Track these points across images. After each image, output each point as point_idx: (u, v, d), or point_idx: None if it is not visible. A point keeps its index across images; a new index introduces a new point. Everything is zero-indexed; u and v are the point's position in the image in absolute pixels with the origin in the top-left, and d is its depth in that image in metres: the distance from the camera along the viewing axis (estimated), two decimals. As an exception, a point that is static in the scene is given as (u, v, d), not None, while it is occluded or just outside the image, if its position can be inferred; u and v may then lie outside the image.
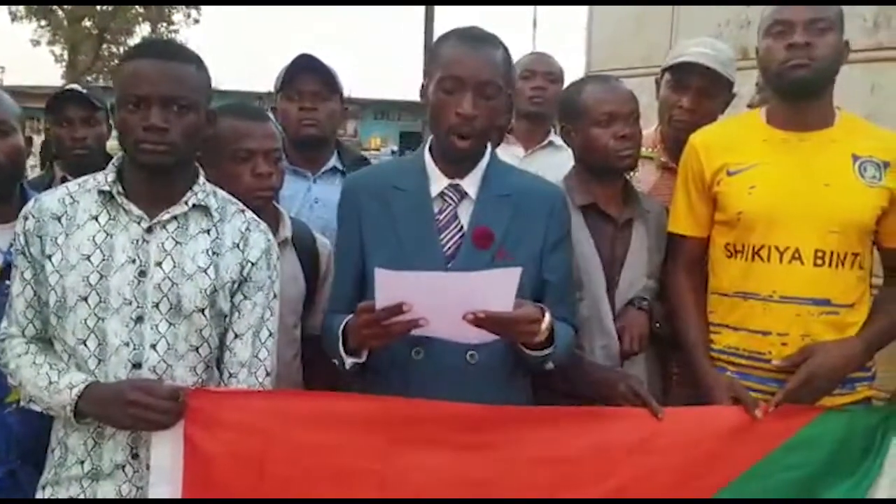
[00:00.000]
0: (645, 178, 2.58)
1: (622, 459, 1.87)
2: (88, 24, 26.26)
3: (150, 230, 1.75)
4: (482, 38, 1.89)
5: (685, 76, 2.47)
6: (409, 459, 1.79)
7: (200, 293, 1.75)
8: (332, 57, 2.69)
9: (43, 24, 26.17)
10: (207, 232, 1.80)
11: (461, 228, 1.90)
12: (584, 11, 4.67)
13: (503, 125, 2.59)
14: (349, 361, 1.81)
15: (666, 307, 2.22)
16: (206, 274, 1.77)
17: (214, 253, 1.79)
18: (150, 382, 1.71)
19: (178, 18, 27.43)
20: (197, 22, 27.72)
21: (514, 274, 1.63)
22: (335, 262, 2.09)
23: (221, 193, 1.87)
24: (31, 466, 1.93)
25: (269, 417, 1.78)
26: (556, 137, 3.23)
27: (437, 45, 1.93)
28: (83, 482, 1.76)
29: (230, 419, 1.75)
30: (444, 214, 1.91)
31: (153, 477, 1.72)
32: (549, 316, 1.76)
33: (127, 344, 1.72)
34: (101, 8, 25.57)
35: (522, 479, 1.82)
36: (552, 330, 1.78)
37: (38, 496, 1.81)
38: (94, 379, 1.71)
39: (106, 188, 1.76)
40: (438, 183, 1.92)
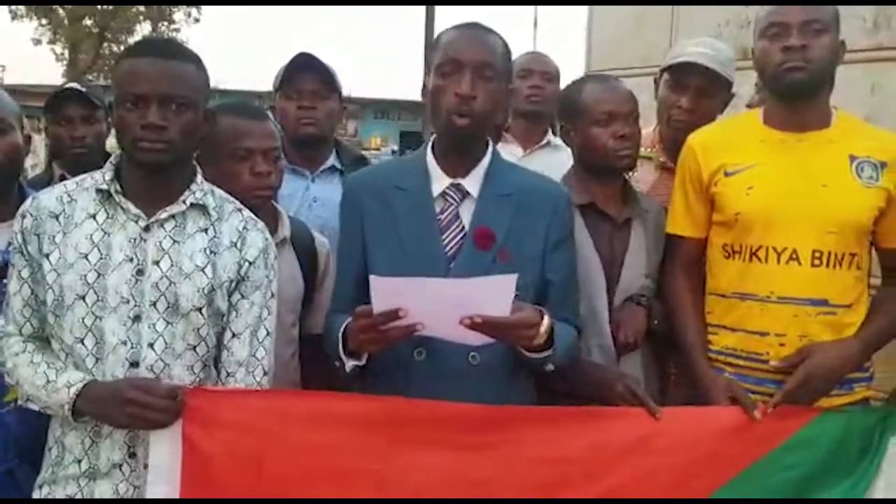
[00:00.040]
0: (644, 177, 2.58)
1: (621, 459, 1.87)
2: (89, 22, 26.21)
3: (147, 229, 1.75)
4: (481, 26, 1.90)
5: (684, 76, 2.47)
6: (408, 459, 1.79)
7: (198, 292, 1.75)
8: (332, 57, 2.69)
9: (44, 22, 26.13)
10: (205, 231, 1.80)
11: (463, 228, 1.88)
12: (584, 11, 4.67)
13: (500, 123, 2.59)
14: (349, 364, 1.81)
15: (664, 307, 2.21)
16: (203, 273, 1.76)
17: (212, 252, 1.79)
18: (148, 381, 1.70)
19: (178, 17, 27.45)
20: (197, 21, 27.74)
21: (510, 280, 1.62)
22: (338, 261, 2.08)
23: (219, 192, 1.87)
24: (28, 465, 1.93)
25: (267, 417, 1.78)
26: (554, 137, 3.23)
27: (436, 40, 1.92)
28: (80, 481, 1.76)
29: (228, 418, 1.75)
30: (445, 214, 1.90)
31: (151, 476, 1.72)
32: (547, 318, 1.75)
33: (124, 343, 1.72)
34: (101, 7, 25.51)
35: (522, 478, 1.82)
36: (552, 332, 1.77)
37: (35, 495, 1.81)
38: (91, 378, 1.71)
39: (104, 187, 1.76)
40: (440, 182, 1.91)
